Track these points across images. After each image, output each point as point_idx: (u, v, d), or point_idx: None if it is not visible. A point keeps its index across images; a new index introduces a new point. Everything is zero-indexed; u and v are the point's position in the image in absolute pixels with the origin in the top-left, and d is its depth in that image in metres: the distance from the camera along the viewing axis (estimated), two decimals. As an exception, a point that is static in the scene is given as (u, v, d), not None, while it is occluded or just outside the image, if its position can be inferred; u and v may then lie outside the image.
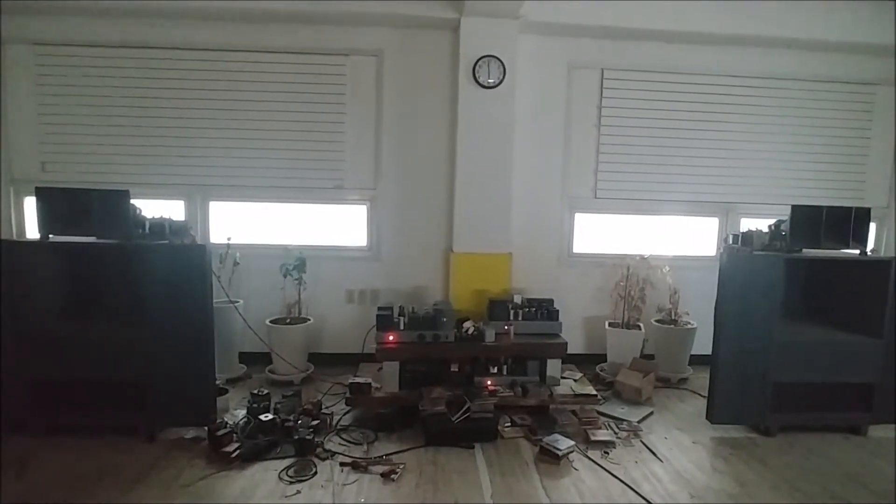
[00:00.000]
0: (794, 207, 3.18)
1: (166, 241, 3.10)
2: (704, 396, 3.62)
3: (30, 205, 4.11)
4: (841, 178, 4.51)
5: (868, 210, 3.20)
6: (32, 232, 4.09)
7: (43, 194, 2.93)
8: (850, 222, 3.15)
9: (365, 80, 4.14)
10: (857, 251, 3.21)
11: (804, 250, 3.21)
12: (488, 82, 3.87)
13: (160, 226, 3.15)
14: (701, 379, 3.98)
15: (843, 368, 3.21)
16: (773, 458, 2.97)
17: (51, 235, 2.94)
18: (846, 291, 3.36)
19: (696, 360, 4.16)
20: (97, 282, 3.20)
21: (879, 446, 3.16)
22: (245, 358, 4.06)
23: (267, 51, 4.05)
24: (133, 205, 3.00)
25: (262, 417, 3.04)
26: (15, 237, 4.05)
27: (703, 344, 3.88)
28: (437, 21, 3.92)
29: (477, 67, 3.85)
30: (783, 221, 3.31)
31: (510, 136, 3.97)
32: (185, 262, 2.94)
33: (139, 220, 3.06)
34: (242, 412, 3.25)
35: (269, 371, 3.96)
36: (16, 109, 4.01)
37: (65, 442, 2.90)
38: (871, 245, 3.26)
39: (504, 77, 3.87)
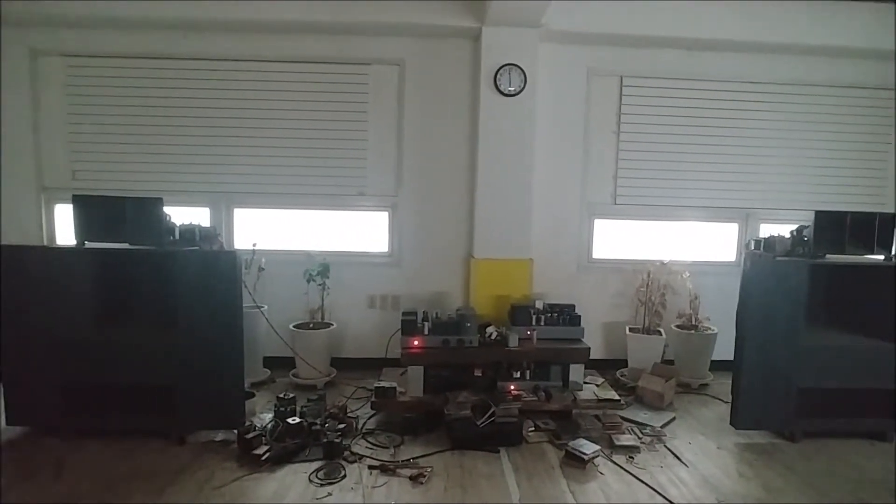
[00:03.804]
0: (818, 213, 3.19)
1: (197, 248, 3.17)
2: (726, 402, 3.65)
3: (60, 212, 4.20)
4: (860, 184, 4.50)
5: (893, 215, 3.20)
6: (63, 238, 4.20)
7: (80, 202, 3.00)
8: (874, 228, 3.16)
9: (387, 89, 4.21)
10: (882, 257, 3.21)
11: (828, 256, 3.22)
12: (509, 90, 3.92)
13: (190, 232, 3.21)
14: (722, 384, 3.99)
15: (867, 374, 3.21)
16: (799, 464, 2.97)
17: (86, 242, 3.02)
18: (871, 297, 3.34)
19: (717, 366, 4.16)
20: (130, 287, 3.26)
21: (906, 453, 3.15)
22: (268, 362, 4.12)
23: (291, 60, 4.13)
24: (164, 212, 3.07)
25: (290, 421, 3.09)
26: (46, 243, 4.14)
27: (723, 349, 3.90)
28: (459, 30, 3.98)
29: (498, 76, 3.90)
30: (805, 227, 3.32)
31: (531, 142, 4.01)
32: (216, 268, 3.00)
33: (169, 227, 3.12)
34: (268, 415, 3.30)
35: (293, 375, 4.01)
36: (47, 119, 4.11)
37: (97, 445, 2.96)
38: (894, 250, 3.25)
39: (525, 85, 3.91)
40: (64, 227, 4.20)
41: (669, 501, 2.58)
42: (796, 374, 3.15)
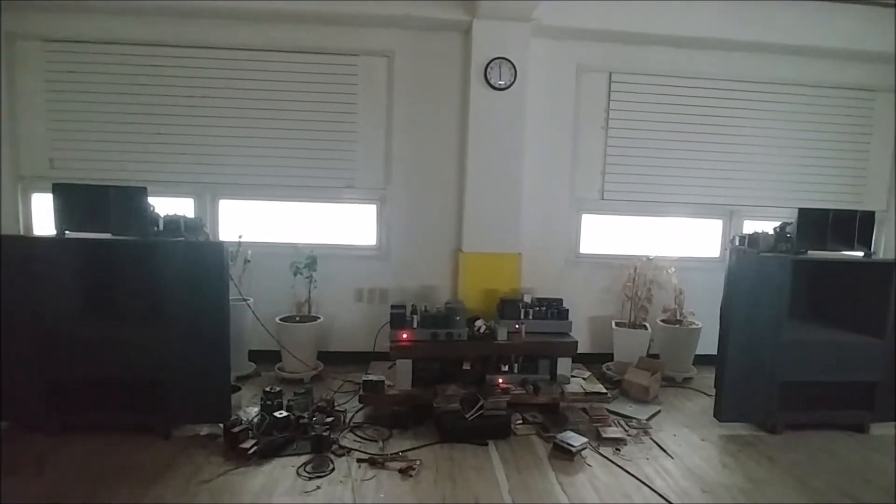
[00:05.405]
0: (802, 210, 3.25)
1: (182, 239, 3.11)
2: (710, 395, 3.72)
3: (38, 201, 4.09)
4: (841, 182, 4.61)
5: (872, 213, 3.28)
6: (40, 228, 4.09)
7: (60, 190, 2.91)
8: (855, 225, 3.23)
9: (376, 81, 4.17)
10: (862, 253, 3.29)
11: (810, 252, 3.29)
12: (499, 84, 3.91)
13: (175, 223, 3.16)
14: (705, 378, 4.07)
15: (846, 367, 3.29)
16: (780, 455, 3.04)
17: (67, 232, 2.94)
18: (850, 292, 3.44)
19: (700, 360, 4.24)
20: (113, 279, 3.19)
21: (882, 444, 3.24)
22: (254, 356, 4.08)
23: (278, 50, 4.07)
24: (148, 202, 3.00)
25: (277, 414, 3.06)
26: (22, 234, 4.02)
27: (707, 344, 3.97)
28: (449, 23, 3.96)
29: (488, 69, 3.88)
30: (788, 223, 3.39)
31: (520, 137, 4.01)
32: (202, 260, 2.94)
33: (153, 218, 3.06)
34: (254, 409, 3.28)
35: (279, 369, 3.97)
36: (24, 106, 3.99)
37: (82, 440, 2.89)
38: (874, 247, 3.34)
39: (515, 79, 3.91)
40: (41, 217, 4.08)
41: (656, 492, 2.62)
42: (778, 368, 3.21)
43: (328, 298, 4.20)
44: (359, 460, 2.81)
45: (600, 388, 3.54)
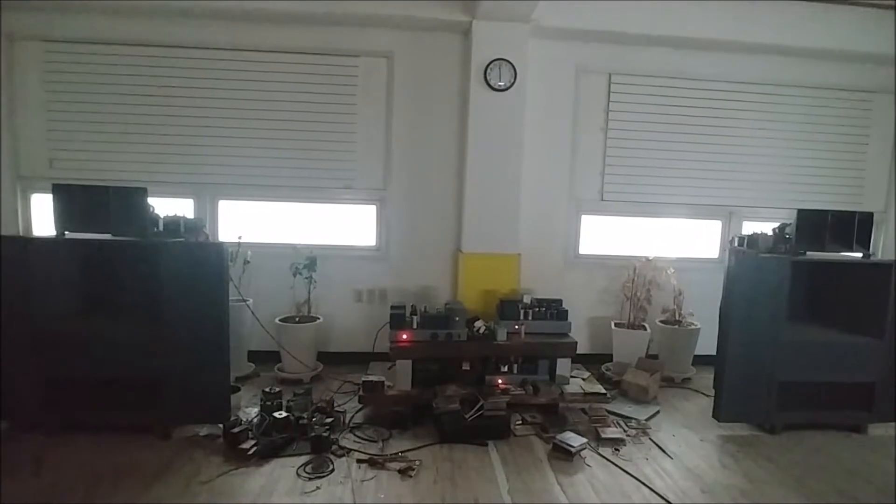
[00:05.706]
0: (801, 211, 3.26)
1: (182, 239, 3.11)
2: (709, 395, 3.72)
3: (37, 202, 4.09)
4: (840, 183, 4.63)
5: (871, 214, 3.29)
6: (39, 229, 4.09)
7: (60, 191, 2.91)
8: (853, 226, 3.24)
9: (376, 82, 4.17)
10: (860, 254, 3.30)
11: (808, 253, 3.30)
12: (499, 85, 3.92)
13: (175, 223, 3.16)
14: (704, 378, 4.07)
15: (845, 368, 3.30)
16: (779, 456, 3.04)
17: (66, 232, 2.94)
18: (849, 293, 3.44)
19: (699, 361, 4.24)
20: (113, 279, 3.18)
21: (880, 444, 3.24)
22: (253, 356, 4.08)
23: (277, 51, 4.07)
24: (148, 202, 3.00)
25: (277, 415, 3.06)
26: (22, 234, 4.02)
27: (706, 344, 3.97)
28: (449, 24, 3.96)
29: (488, 70, 3.89)
30: (787, 224, 3.39)
31: (520, 138, 4.02)
32: (202, 260, 2.95)
33: (153, 218, 3.06)
34: (254, 410, 3.27)
35: (279, 369, 3.97)
36: (24, 106, 3.99)
37: (81, 440, 2.89)
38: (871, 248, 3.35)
39: (515, 80, 3.91)
40: (41, 218, 4.08)
41: (655, 492, 2.63)
42: (777, 368, 3.22)
43: (328, 299, 4.19)
44: (359, 461, 2.81)
45: (599, 388, 3.55)
